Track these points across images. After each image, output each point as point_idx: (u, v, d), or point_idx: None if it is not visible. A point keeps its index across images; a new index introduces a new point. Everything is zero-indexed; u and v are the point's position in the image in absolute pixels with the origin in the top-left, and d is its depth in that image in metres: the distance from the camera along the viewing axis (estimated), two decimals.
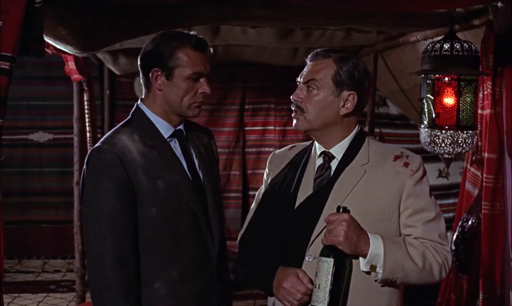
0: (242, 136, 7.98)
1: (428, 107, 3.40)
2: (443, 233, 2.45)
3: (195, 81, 2.70)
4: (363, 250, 2.32)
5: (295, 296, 2.34)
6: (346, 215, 2.31)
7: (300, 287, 2.33)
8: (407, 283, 2.42)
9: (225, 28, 4.93)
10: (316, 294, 2.29)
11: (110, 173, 2.54)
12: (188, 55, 2.67)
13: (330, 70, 2.48)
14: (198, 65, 2.70)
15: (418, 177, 2.43)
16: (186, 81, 2.67)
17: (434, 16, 3.95)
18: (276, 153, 2.77)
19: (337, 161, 2.51)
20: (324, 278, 2.27)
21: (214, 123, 7.98)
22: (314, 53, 2.55)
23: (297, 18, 4.25)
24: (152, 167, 2.59)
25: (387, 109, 7.67)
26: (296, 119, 2.51)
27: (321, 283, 2.28)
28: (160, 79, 2.69)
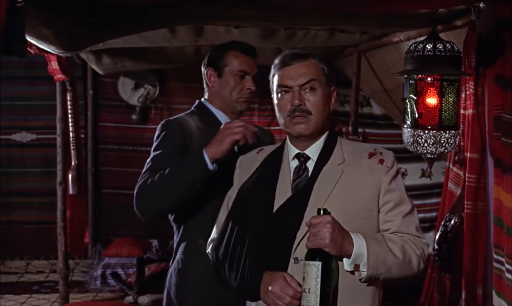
0: None
1: (411, 107, 3.41)
2: (418, 226, 2.49)
3: (241, 78, 3.19)
4: (348, 250, 2.33)
5: (284, 299, 2.33)
6: (329, 217, 2.31)
7: (288, 290, 2.33)
8: (389, 278, 2.45)
9: (209, 28, 4.92)
10: (306, 298, 2.29)
11: (171, 135, 3.12)
12: (236, 56, 3.19)
13: (319, 69, 2.51)
14: (244, 64, 3.18)
15: (394, 172, 2.47)
16: (234, 77, 3.19)
17: (417, 17, 3.96)
18: (244, 157, 2.75)
19: (313, 162, 2.52)
20: (313, 282, 2.27)
21: None
22: (294, 55, 2.54)
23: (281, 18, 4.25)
24: (206, 138, 2.95)
25: (371, 109, 7.70)
26: (304, 123, 2.48)
27: (311, 287, 2.28)
28: (213, 77, 3.28)
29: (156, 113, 8.14)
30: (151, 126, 8.09)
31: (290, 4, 3.41)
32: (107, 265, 7.43)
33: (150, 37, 5.03)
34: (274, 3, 3.36)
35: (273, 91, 2.59)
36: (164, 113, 8.08)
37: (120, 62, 6.73)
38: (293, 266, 2.40)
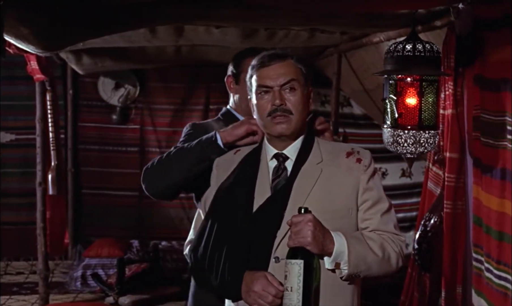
0: None
1: (391, 107, 3.42)
2: (396, 223, 2.52)
3: None
4: (329, 249, 2.34)
5: (266, 298, 2.33)
6: (311, 215, 2.32)
7: (270, 289, 2.33)
8: (369, 276, 2.46)
9: (189, 28, 4.91)
10: (289, 297, 2.29)
11: (195, 135, 2.97)
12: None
13: (297, 69, 2.52)
14: None
15: (371, 171, 2.49)
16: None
17: (397, 17, 3.98)
18: (221, 158, 2.73)
19: (291, 162, 2.52)
20: (296, 280, 2.28)
21: (178, 123, 7.99)
22: (272, 55, 2.54)
23: (262, 19, 4.25)
24: None
25: (351, 109, 7.72)
26: (285, 123, 2.49)
27: (293, 285, 2.28)
28: (233, 84, 3.28)
29: (136, 113, 8.12)
30: (132, 126, 8.07)
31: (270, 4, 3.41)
32: (87, 266, 7.40)
33: (130, 36, 5.01)
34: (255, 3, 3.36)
35: (251, 92, 2.59)
36: (144, 113, 8.06)
37: (100, 62, 6.70)
38: (274, 266, 2.40)
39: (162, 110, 8.06)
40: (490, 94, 3.40)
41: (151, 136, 8.08)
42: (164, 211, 8.08)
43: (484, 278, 3.54)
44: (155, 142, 8.08)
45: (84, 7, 3.23)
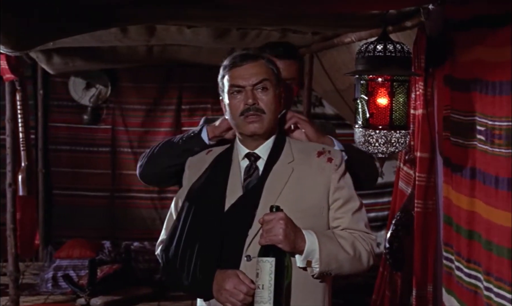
0: None
1: (362, 107, 3.44)
2: (367, 222, 2.54)
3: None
4: (300, 247, 2.36)
5: (237, 296, 2.34)
6: (282, 213, 2.34)
7: (242, 287, 2.34)
8: (340, 274, 2.48)
9: (161, 28, 4.90)
10: (260, 294, 2.29)
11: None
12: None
13: (269, 69, 2.53)
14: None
15: (342, 171, 2.52)
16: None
17: (368, 18, 4.00)
18: (193, 158, 2.74)
19: (263, 161, 2.53)
20: (267, 278, 2.28)
21: (151, 123, 7.96)
22: (244, 56, 2.55)
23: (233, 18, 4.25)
24: None
25: (323, 109, 7.75)
26: (258, 122, 2.50)
27: (264, 283, 2.28)
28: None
29: (108, 113, 8.06)
30: (103, 126, 8.02)
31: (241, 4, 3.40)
32: (58, 267, 7.33)
33: (101, 36, 4.98)
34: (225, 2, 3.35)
35: (223, 92, 2.59)
36: (116, 113, 8.02)
37: (71, 61, 6.65)
38: (246, 264, 2.41)
39: (134, 110, 8.02)
40: (460, 94, 3.43)
41: (123, 136, 8.03)
42: (136, 212, 8.05)
43: (454, 277, 3.57)
44: (127, 143, 8.03)
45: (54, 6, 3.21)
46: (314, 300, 2.49)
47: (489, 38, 3.19)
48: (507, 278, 3.08)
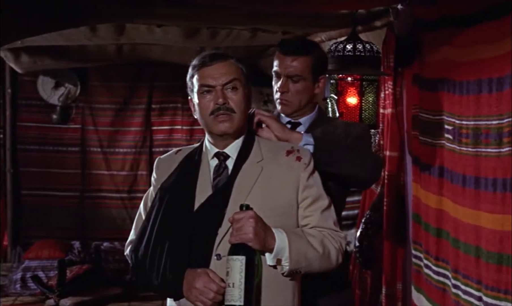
0: (149, 136, 7.94)
1: (332, 106, 3.46)
2: (336, 220, 2.55)
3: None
4: (270, 245, 2.36)
5: (208, 295, 2.34)
6: (252, 212, 2.34)
7: (212, 286, 2.33)
8: (309, 272, 2.48)
9: (130, 27, 4.88)
10: (231, 293, 2.29)
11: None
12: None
13: (238, 69, 2.54)
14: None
15: (311, 169, 2.52)
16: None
17: (338, 17, 4.02)
18: (162, 158, 2.73)
19: (232, 161, 2.53)
20: (237, 276, 2.28)
21: (120, 123, 7.91)
22: (214, 55, 2.54)
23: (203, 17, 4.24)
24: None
25: None
26: (228, 121, 2.49)
27: (235, 282, 2.28)
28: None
29: (77, 112, 7.99)
30: (72, 126, 7.94)
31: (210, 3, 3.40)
32: (27, 268, 7.26)
33: (70, 35, 4.94)
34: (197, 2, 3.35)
35: (192, 91, 2.58)
36: (85, 112, 7.95)
37: (40, 60, 6.59)
38: (216, 263, 2.41)
39: (104, 109, 7.96)
40: (428, 93, 3.46)
41: (93, 136, 7.97)
42: (106, 212, 8.00)
43: (423, 275, 3.60)
44: (96, 142, 7.97)
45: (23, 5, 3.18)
46: (284, 298, 2.49)
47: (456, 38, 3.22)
48: (474, 275, 3.12)
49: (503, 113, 2.91)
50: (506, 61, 2.87)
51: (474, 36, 3.10)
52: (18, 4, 3.16)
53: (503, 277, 2.98)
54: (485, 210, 3.02)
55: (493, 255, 3.02)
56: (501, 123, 2.93)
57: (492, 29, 2.96)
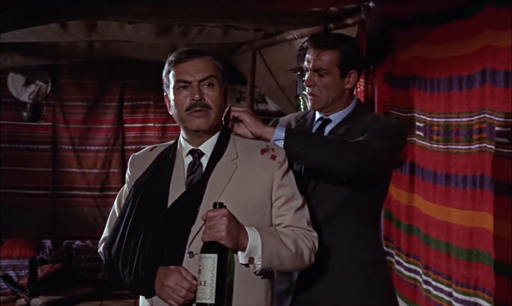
0: (121, 133, 7.90)
1: (304, 103, 3.47)
2: (309, 219, 2.54)
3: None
4: (243, 243, 2.35)
5: (180, 293, 2.32)
6: (225, 210, 2.33)
7: (184, 283, 2.32)
8: (282, 271, 2.49)
9: (102, 24, 4.84)
10: (202, 291, 2.28)
11: None
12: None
13: (215, 66, 2.53)
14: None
15: (285, 168, 2.52)
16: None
17: (310, 15, 4.03)
18: (136, 155, 2.72)
19: (207, 158, 2.53)
20: (209, 275, 2.27)
21: (92, 120, 7.85)
22: (190, 51, 2.53)
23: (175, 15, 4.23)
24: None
25: (266, 106, 7.77)
26: (204, 117, 2.47)
27: (206, 280, 2.27)
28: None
29: (48, 110, 7.92)
30: (43, 123, 7.88)
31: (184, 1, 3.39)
32: None
33: (41, 32, 4.90)
34: None
35: (168, 87, 2.57)
36: (56, 110, 7.88)
37: (9, 57, 6.52)
38: (188, 261, 2.40)
39: (75, 106, 7.90)
40: (399, 91, 3.49)
41: (64, 133, 7.91)
42: (78, 210, 7.94)
43: (394, 271, 3.63)
44: (68, 140, 7.91)
45: None
46: (257, 297, 2.49)
47: (427, 36, 3.25)
48: (445, 271, 3.15)
49: (473, 110, 2.94)
50: (476, 59, 2.90)
51: (444, 34, 3.13)
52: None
53: (473, 273, 3.02)
54: (455, 206, 3.05)
55: (463, 251, 3.05)
56: (471, 120, 2.96)
57: (462, 28, 2.99)
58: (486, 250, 2.92)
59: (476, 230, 2.98)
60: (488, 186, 2.87)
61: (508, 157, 2.70)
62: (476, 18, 2.88)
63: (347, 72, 2.81)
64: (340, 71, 2.81)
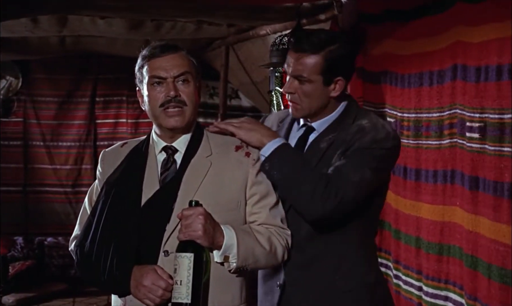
0: (94, 129, 7.84)
1: (277, 99, 3.47)
2: (283, 217, 2.54)
3: None
4: (219, 242, 2.34)
5: (156, 292, 2.30)
6: (202, 208, 2.31)
7: (160, 283, 2.30)
8: (256, 269, 2.49)
9: (73, 18, 4.80)
10: (178, 290, 2.27)
11: None
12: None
13: (190, 61, 2.51)
14: None
15: (260, 165, 2.50)
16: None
17: (282, 10, 4.03)
18: (107, 151, 2.68)
19: (181, 155, 2.51)
20: (185, 274, 2.26)
21: (64, 116, 7.79)
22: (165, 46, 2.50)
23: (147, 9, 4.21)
24: None
25: (239, 101, 7.76)
26: (179, 114, 2.45)
27: (182, 279, 2.26)
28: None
29: (19, 106, 7.84)
30: (14, 119, 7.80)
31: None
32: None
33: (11, 26, 4.84)
34: None
35: (142, 82, 2.54)
36: (28, 106, 7.81)
37: None
38: (164, 259, 2.38)
39: (47, 102, 7.83)
40: (371, 86, 3.51)
41: (35, 129, 7.84)
42: (50, 206, 7.88)
43: None
44: (39, 136, 7.84)
45: None
46: (232, 295, 2.48)
47: (399, 31, 3.27)
48: (415, 266, 3.17)
49: (444, 105, 2.97)
50: (447, 54, 2.93)
51: (416, 30, 3.15)
52: None
53: (443, 267, 3.04)
54: (426, 201, 3.07)
55: (433, 246, 3.08)
56: (441, 115, 2.98)
57: (434, 23, 3.01)
58: (457, 244, 2.95)
59: (447, 224, 3.01)
60: (459, 181, 2.89)
61: (479, 152, 2.73)
62: (447, 14, 2.90)
63: (332, 79, 2.47)
64: (324, 79, 2.46)
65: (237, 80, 6.94)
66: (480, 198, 2.74)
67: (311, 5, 3.93)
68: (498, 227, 2.63)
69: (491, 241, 2.67)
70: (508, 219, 2.58)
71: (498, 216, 2.62)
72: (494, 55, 2.61)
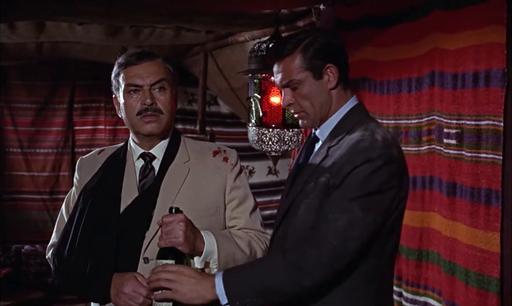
0: (71, 136, 7.79)
1: (256, 106, 3.47)
2: (262, 221, 2.56)
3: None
4: (199, 248, 2.34)
5: (137, 299, 2.30)
6: (182, 215, 2.31)
7: (141, 290, 2.29)
8: None
9: (51, 24, 4.77)
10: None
11: None
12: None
13: (166, 69, 2.51)
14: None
15: (238, 170, 2.53)
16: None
17: (261, 17, 4.04)
18: (84, 158, 2.68)
19: (158, 161, 2.51)
20: None
21: (41, 123, 7.73)
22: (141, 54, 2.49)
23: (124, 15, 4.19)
24: None
25: (218, 107, 7.76)
26: (156, 122, 2.45)
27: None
28: None
29: None
30: None
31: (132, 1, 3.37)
32: None
33: None
34: None
35: (118, 90, 2.53)
36: (4, 112, 7.74)
37: None
38: (143, 266, 2.37)
39: (24, 109, 7.77)
40: None
41: (12, 136, 7.77)
42: (27, 214, 7.81)
43: None
44: (16, 143, 7.77)
45: None
46: None
47: (377, 38, 3.28)
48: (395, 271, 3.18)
49: (422, 112, 2.98)
50: (424, 61, 2.94)
51: (394, 36, 3.16)
52: None
53: (423, 272, 3.06)
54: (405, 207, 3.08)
55: (413, 252, 3.09)
56: (420, 122, 3.00)
57: (411, 30, 3.03)
58: (435, 250, 2.96)
59: (425, 230, 3.02)
60: (437, 187, 2.91)
61: (456, 158, 2.74)
62: (425, 20, 2.92)
63: (321, 70, 2.30)
64: (313, 73, 2.30)
65: (216, 86, 6.94)
66: (457, 204, 2.75)
67: (289, 11, 3.95)
68: (475, 233, 2.64)
69: (468, 246, 2.68)
70: (484, 224, 2.59)
71: (475, 222, 2.64)
72: (471, 62, 2.63)
